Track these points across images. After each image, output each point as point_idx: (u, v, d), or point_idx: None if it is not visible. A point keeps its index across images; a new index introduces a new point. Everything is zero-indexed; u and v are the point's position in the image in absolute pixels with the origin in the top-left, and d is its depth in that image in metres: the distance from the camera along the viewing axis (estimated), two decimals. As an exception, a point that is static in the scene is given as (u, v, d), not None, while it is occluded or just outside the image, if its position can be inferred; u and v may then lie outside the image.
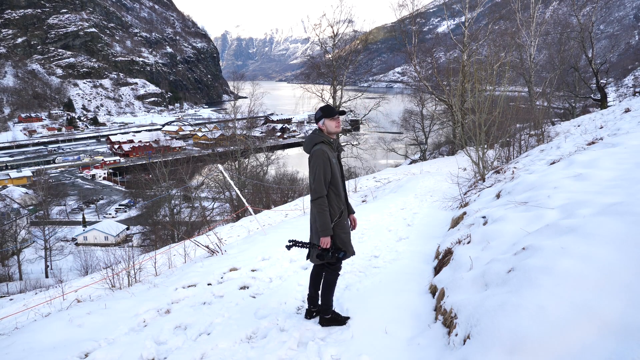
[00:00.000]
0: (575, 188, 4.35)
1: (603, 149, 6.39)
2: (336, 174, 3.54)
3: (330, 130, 3.57)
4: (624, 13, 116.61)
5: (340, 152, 3.78)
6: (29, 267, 36.75)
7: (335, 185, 3.53)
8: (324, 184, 3.44)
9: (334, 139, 3.65)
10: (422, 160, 29.76)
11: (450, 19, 28.87)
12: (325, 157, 3.44)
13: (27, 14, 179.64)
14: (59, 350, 3.58)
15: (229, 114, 68.95)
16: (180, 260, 7.38)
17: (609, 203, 3.45)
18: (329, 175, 3.48)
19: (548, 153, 9.85)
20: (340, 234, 3.59)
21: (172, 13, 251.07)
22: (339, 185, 3.57)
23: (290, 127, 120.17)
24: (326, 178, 3.45)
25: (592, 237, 2.76)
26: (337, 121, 3.58)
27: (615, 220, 2.94)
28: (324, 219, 3.44)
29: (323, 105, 3.63)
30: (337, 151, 3.70)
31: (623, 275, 2.29)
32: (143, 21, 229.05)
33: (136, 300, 4.69)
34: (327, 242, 3.45)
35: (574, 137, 10.82)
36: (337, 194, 3.55)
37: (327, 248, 3.47)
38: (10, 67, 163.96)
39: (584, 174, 4.77)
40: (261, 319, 4.04)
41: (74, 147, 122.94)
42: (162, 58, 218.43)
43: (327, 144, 3.54)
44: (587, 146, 8.07)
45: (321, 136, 3.54)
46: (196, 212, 36.36)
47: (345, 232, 3.66)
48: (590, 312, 2.04)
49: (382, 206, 9.86)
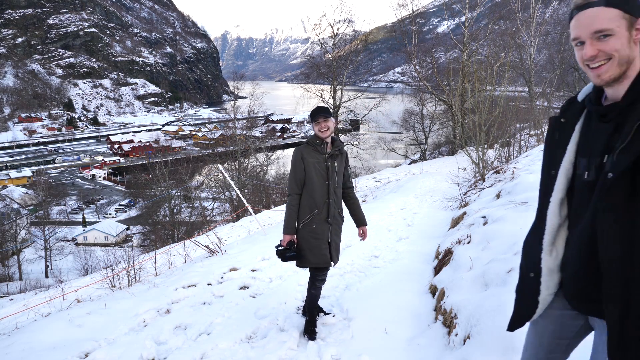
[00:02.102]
0: (575, 188, 4.34)
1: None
2: (312, 176, 3.43)
3: (316, 133, 3.46)
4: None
5: (338, 156, 3.54)
6: (29, 267, 36.74)
7: (310, 187, 3.44)
8: (293, 182, 3.47)
9: (326, 141, 3.48)
10: (422, 160, 29.76)
11: (450, 19, 28.87)
12: (297, 157, 3.46)
13: (27, 14, 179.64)
14: (59, 350, 3.58)
15: (229, 114, 69.04)
16: (180, 260, 7.38)
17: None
18: (299, 175, 3.45)
19: (548, 153, 9.82)
20: (308, 237, 3.46)
21: (172, 13, 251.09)
22: (315, 189, 3.43)
23: (290, 127, 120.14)
24: (296, 177, 3.46)
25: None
26: (319, 125, 3.40)
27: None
28: (287, 216, 3.48)
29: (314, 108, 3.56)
30: (329, 154, 3.47)
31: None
32: (143, 21, 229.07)
33: (136, 300, 4.69)
34: (285, 240, 3.43)
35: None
36: (311, 195, 3.44)
37: (285, 246, 3.42)
38: (10, 67, 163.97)
39: (584, 174, 4.77)
40: (261, 319, 4.04)
41: (74, 147, 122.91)
42: (162, 58, 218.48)
43: (311, 145, 3.47)
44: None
45: (311, 138, 3.52)
46: (196, 212, 36.36)
47: (316, 237, 3.46)
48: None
49: (382, 206, 9.86)
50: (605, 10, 1.25)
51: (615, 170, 1.22)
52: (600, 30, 1.26)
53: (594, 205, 1.31)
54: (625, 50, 1.27)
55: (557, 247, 1.49)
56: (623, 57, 1.27)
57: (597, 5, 1.27)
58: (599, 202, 1.28)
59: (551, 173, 1.50)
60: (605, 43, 1.26)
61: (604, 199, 1.26)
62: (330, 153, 3.47)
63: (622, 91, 1.31)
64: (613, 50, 1.26)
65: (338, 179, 3.53)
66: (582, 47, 1.31)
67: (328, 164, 3.47)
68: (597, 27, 1.26)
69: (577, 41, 1.33)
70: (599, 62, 1.29)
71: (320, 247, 3.47)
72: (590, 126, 1.42)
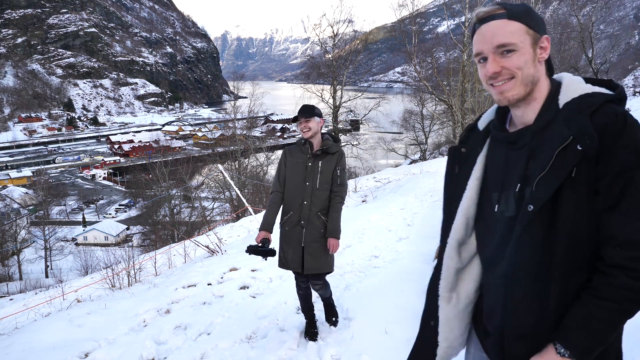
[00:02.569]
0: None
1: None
2: (290, 176, 3.37)
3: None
4: (624, 13, 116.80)
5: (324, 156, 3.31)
6: (29, 267, 36.72)
7: (287, 187, 3.38)
8: (276, 180, 3.47)
9: (310, 141, 3.34)
10: (422, 160, 29.77)
11: (450, 19, 28.85)
12: (281, 158, 3.47)
13: (27, 14, 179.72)
14: (59, 350, 3.58)
15: (229, 114, 69.05)
16: (180, 260, 7.38)
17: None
18: (281, 173, 3.42)
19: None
20: (281, 239, 3.41)
21: (172, 13, 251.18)
22: (292, 189, 3.34)
23: (290, 127, 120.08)
24: (278, 175, 3.45)
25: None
26: (300, 125, 3.29)
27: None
28: (265, 213, 3.47)
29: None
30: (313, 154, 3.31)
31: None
32: (143, 21, 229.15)
33: (136, 300, 4.69)
34: (259, 236, 3.34)
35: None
36: (288, 196, 3.36)
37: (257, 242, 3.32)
38: (10, 67, 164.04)
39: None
40: (261, 318, 4.04)
41: (74, 147, 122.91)
42: (162, 58, 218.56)
43: (299, 146, 3.40)
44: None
45: (299, 139, 3.48)
46: (196, 212, 36.38)
47: (286, 240, 3.36)
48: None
49: (382, 206, 9.86)
50: (508, 24, 1.16)
51: (536, 202, 1.09)
52: (503, 45, 1.16)
53: (514, 243, 1.15)
54: (530, 68, 1.17)
55: (458, 294, 1.32)
56: (527, 75, 1.17)
57: (501, 18, 1.17)
58: (520, 239, 1.14)
59: (451, 211, 1.35)
60: (508, 59, 1.16)
61: (523, 235, 1.13)
62: (314, 153, 3.31)
63: (531, 114, 1.20)
64: (516, 68, 1.16)
65: (322, 180, 3.29)
66: (485, 63, 1.20)
67: (308, 165, 3.31)
68: (500, 41, 1.16)
69: (479, 57, 1.22)
70: (503, 80, 1.18)
71: (289, 251, 3.33)
72: (497, 155, 1.27)
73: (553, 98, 1.18)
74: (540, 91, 1.20)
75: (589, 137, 1.05)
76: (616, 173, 1.05)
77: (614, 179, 1.05)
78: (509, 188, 1.19)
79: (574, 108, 1.12)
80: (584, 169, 1.06)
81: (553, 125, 1.13)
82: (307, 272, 3.31)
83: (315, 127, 3.30)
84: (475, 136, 1.37)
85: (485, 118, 1.38)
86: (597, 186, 1.07)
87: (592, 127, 1.06)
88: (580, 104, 1.12)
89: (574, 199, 1.08)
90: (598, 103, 1.10)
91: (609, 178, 1.05)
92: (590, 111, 1.09)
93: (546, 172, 1.08)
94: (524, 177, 1.15)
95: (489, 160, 1.29)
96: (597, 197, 1.07)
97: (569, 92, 1.17)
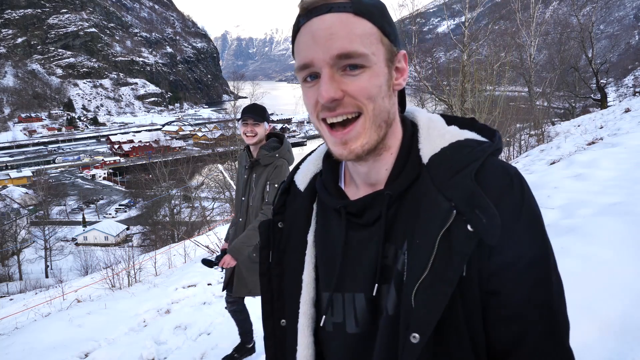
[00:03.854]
0: (575, 188, 4.35)
1: (603, 149, 6.40)
2: (236, 189, 3.03)
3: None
4: (624, 13, 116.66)
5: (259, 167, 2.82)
6: (29, 267, 36.73)
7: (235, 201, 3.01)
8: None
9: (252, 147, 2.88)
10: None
11: (450, 19, 28.84)
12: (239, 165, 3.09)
13: (27, 14, 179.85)
14: (59, 350, 3.58)
15: (229, 114, 69.03)
16: (180, 260, 7.39)
17: (609, 203, 3.46)
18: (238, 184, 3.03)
19: (548, 153, 9.86)
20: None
21: (172, 13, 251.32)
22: (235, 203, 2.99)
23: (290, 127, 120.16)
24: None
25: (592, 237, 2.76)
26: (244, 127, 2.80)
27: (615, 220, 2.94)
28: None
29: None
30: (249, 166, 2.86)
31: (623, 275, 2.29)
32: (143, 21, 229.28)
33: (136, 300, 4.69)
34: (222, 247, 3.05)
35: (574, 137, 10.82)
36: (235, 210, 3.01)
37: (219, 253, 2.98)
38: (10, 67, 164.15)
39: (584, 174, 4.78)
40: (261, 318, 4.03)
41: (74, 147, 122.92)
42: (162, 58, 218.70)
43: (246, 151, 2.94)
44: (587, 146, 8.08)
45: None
46: (196, 212, 36.37)
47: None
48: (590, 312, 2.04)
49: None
50: (356, 21, 0.69)
51: (425, 327, 0.64)
52: (348, 54, 0.68)
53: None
54: (384, 99, 0.72)
55: None
56: (381, 111, 0.71)
57: (342, 11, 0.69)
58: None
59: (280, 324, 0.91)
60: (355, 80, 0.69)
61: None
62: (251, 163, 2.85)
63: (382, 171, 0.77)
64: (366, 97, 0.69)
65: (256, 196, 2.80)
66: (315, 82, 0.72)
67: (244, 177, 2.90)
68: (343, 48, 0.67)
69: (307, 72, 0.72)
70: (344, 116, 0.70)
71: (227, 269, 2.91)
72: (330, 232, 0.81)
73: (410, 147, 0.77)
74: (395, 136, 0.77)
75: (482, 211, 0.64)
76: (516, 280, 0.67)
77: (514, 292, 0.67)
78: (353, 287, 0.76)
79: (446, 165, 0.71)
80: (474, 262, 0.67)
81: (418, 190, 0.72)
82: (235, 295, 2.96)
83: (262, 133, 2.81)
84: (296, 204, 0.87)
85: (305, 170, 0.89)
86: (490, 286, 0.67)
87: (485, 196, 0.65)
88: (455, 158, 0.71)
89: (464, 314, 0.67)
90: (481, 158, 0.70)
91: (508, 292, 0.67)
92: (474, 170, 0.68)
93: (428, 272, 0.65)
94: (382, 271, 0.73)
95: (318, 239, 0.83)
96: (491, 300, 0.68)
97: (432, 138, 0.75)
